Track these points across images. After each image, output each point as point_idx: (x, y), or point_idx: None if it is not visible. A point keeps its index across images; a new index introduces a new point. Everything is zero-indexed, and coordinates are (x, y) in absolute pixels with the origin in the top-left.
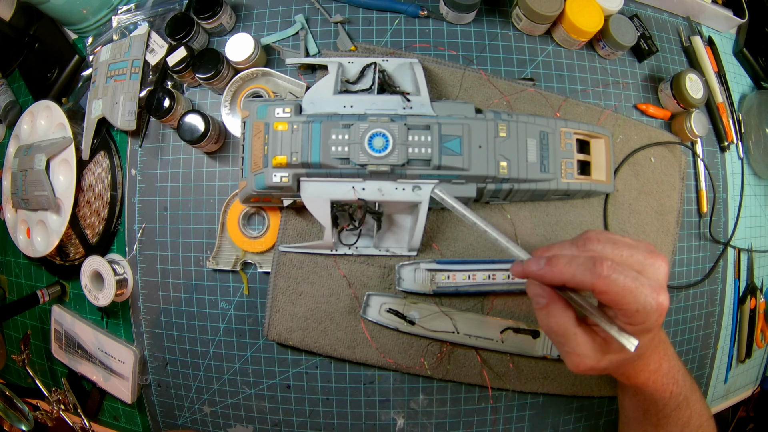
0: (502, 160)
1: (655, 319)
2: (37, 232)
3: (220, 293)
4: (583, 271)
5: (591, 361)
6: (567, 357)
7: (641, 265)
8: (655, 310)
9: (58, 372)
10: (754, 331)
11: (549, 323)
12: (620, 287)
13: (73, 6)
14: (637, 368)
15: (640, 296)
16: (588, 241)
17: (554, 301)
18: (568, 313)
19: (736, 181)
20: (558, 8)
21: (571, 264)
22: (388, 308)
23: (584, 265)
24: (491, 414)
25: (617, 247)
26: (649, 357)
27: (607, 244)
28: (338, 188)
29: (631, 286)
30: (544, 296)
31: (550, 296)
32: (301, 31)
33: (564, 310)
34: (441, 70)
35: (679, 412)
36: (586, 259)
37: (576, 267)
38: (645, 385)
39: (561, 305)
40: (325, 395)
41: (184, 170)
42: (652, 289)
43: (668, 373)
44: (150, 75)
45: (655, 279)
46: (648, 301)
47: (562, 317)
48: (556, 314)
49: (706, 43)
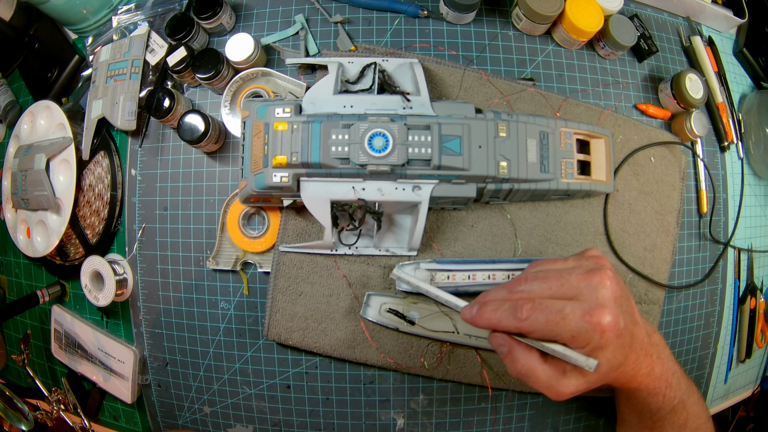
0: (502, 160)
1: (600, 338)
2: (37, 232)
3: (220, 293)
4: (507, 317)
5: (568, 388)
6: (545, 391)
7: (575, 290)
8: (593, 331)
9: (58, 372)
10: (754, 331)
11: (517, 368)
12: (542, 324)
13: (73, 6)
14: (627, 375)
15: (569, 324)
16: (517, 282)
17: (514, 346)
18: (531, 354)
19: (736, 181)
20: (558, 8)
21: (496, 311)
22: (388, 308)
23: (508, 311)
24: (491, 414)
25: (546, 281)
26: (637, 361)
27: (535, 282)
28: (338, 188)
29: (554, 319)
30: (504, 345)
31: (509, 343)
32: (301, 31)
33: (526, 351)
34: (441, 70)
35: (674, 414)
36: (510, 305)
37: (501, 314)
38: (638, 390)
39: (522, 348)
40: (325, 395)
41: (184, 170)
42: (583, 313)
43: (661, 376)
44: (150, 75)
45: (592, 300)
46: (580, 325)
47: (526, 358)
48: (520, 358)
49: (706, 43)
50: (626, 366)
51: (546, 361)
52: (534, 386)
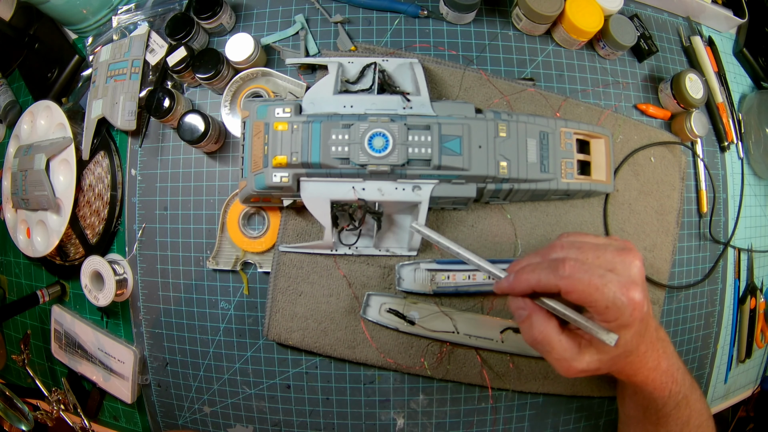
0: (502, 160)
1: (630, 314)
2: (37, 232)
3: (220, 293)
4: (547, 275)
5: (580, 364)
6: (557, 364)
7: (610, 264)
8: (627, 306)
9: (58, 372)
10: (754, 331)
11: (533, 334)
12: (585, 285)
13: (73, 6)
14: (635, 366)
15: (607, 292)
16: (553, 247)
17: (535, 311)
18: (550, 322)
19: (736, 181)
20: (558, 8)
21: (535, 271)
22: (388, 308)
23: (548, 268)
24: (491, 414)
25: (581, 251)
26: (646, 354)
27: (570, 249)
28: (338, 188)
29: (596, 283)
30: (524, 308)
31: (530, 307)
32: (301, 31)
33: (546, 319)
34: (441, 70)
35: (678, 410)
36: (549, 263)
37: (540, 272)
38: (644, 384)
39: (542, 315)
40: (325, 395)
41: (184, 170)
42: (620, 285)
43: (667, 371)
44: (150, 75)
45: (626, 275)
46: (617, 296)
47: (545, 326)
48: (538, 324)
49: (706, 43)
50: (636, 356)
51: (561, 333)
52: (547, 356)
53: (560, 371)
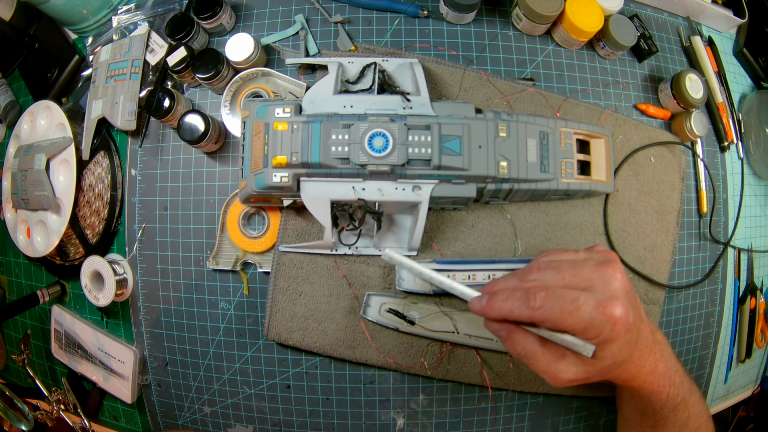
0: (502, 160)
1: (611, 330)
2: (37, 232)
3: (220, 293)
4: (519, 306)
5: (567, 375)
6: (544, 375)
7: (588, 282)
8: (606, 323)
9: (58, 372)
10: (754, 331)
11: (516, 350)
12: (557, 313)
13: (73, 6)
14: (630, 372)
15: (583, 315)
16: (529, 271)
17: (512, 330)
18: (530, 337)
19: (736, 181)
20: (558, 8)
21: (508, 300)
22: (388, 308)
23: (520, 299)
24: (491, 414)
25: (559, 271)
26: (641, 359)
27: (548, 271)
28: (338, 188)
29: (569, 309)
30: (502, 330)
31: (507, 328)
32: (301, 31)
33: (525, 334)
34: (441, 70)
35: (676, 413)
36: (522, 294)
37: (513, 302)
38: (641, 388)
39: (520, 332)
40: (325, 395)
41: (184, 170)
42: (597, 304)
43: (664, 374)
44: (150, 75)
45: (605, 291)
46: (593, 317)
47: (526, 341)
48: (519, 341)
49: (706, 43)
50: (630, 363)
51: (544, 345)
52: (534, 369)
53: (549, 382)
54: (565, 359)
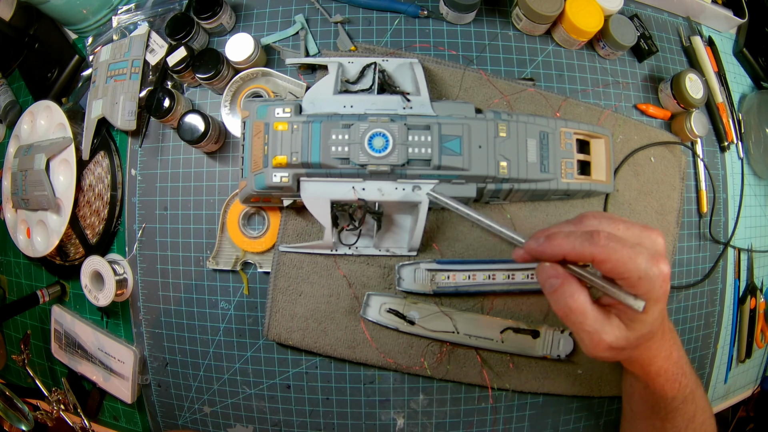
0: (502, 160)
1: (660, 287)
2: (37, 232)
3: (220, 293)
4: (581, 242)
5: (610, 337)
6: (587, 336)
7: (638, 238)
8: (658, 277)
9: (58, 372)
10: (754, 331)
11: (567, 303)
12: (619, 255)
13: (73, 6)
14: (651, 352)
15: (640, 264)
16: (585, 218)
17: (568, 281)
18: (584, 291)
19: (736, 181)
20: (558, 8)
21: (569, 237)
22: (388, 308)
23: (582, 237)
24: (491, 414)
25: (613, 222)
26: (660, 341)
27: (603, 219)
28: (338, 188)
29: (630, 254)
30: (557, 277)
31: (564, 276)
32: (301, 31)
33: (579, 288)
34: (441, 70)
35: (685, 405)
36: (584, 232)
37: (575, 239)
38: (657, 375)
39: (575, 284)
40: (325, 395)
41: (184, 170)
42: (651, 257)
43: (678, 362)
44: (150, 75)
45: (653, 249)
46: (649, 268)
47: (578, 295)
48: (572, 293)
49: (706, 43)
50: (654, 341)
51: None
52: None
53: (589, 346)
54: (610, 322)
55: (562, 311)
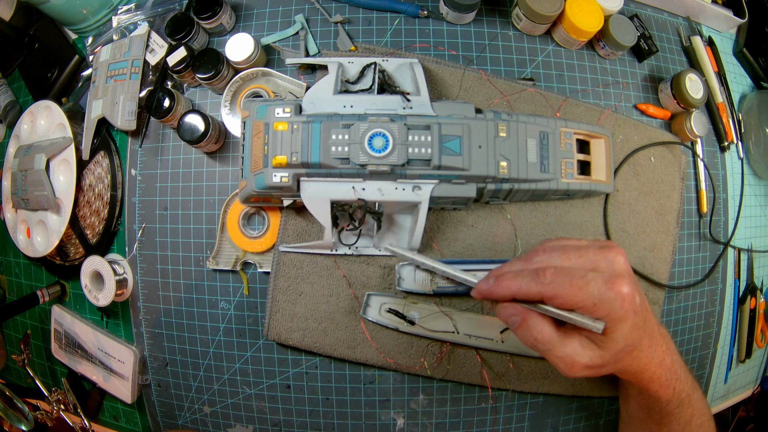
0: (502, 160)
1: (620, 307)
2: (37, 232)
3: (220, 293)
4: (528, 282)
5: (584, 359)
6: (560, 362)
7: (593, 263)
8: (615, 299)
9: (58, 372)
10: (754, 331)
11: (532, 335)
12: (567, 288)
13: (73, 6)
14: (641, 361)
15: (592, 290)
16: (535, 254)
17: (528, 315)
18: (545, 321)
19: (736, 181)
20: (558, 8)
21: (516, 278)
22: (388, 308)
23: (529, 276)
24: (491, 414)
25: (564, 252)
26: (651, 349)
27: (553, 252)
28: (338, 188)
29: (578, 284)
30: (516, 314)
31: (522, 312)
32: (301, 31)
33: (540, 319)
34: (441, 70)
35: (681, 409)
36: (531, 271)
37: (521, 280)
38: (650, 381)
39: (536, 317)
40: (325, 395)
41: (184, 170)
42: (605, 281)
43: (671, 368)
44: (150, 75)
45: (611, 271)
46: (602, 292)
47: (541, 326)
48: (534, 326)
49: (706, 43)
50: (641, 351)
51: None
52: (549, 356)
53: (564, 370)
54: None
55: (529, 344)
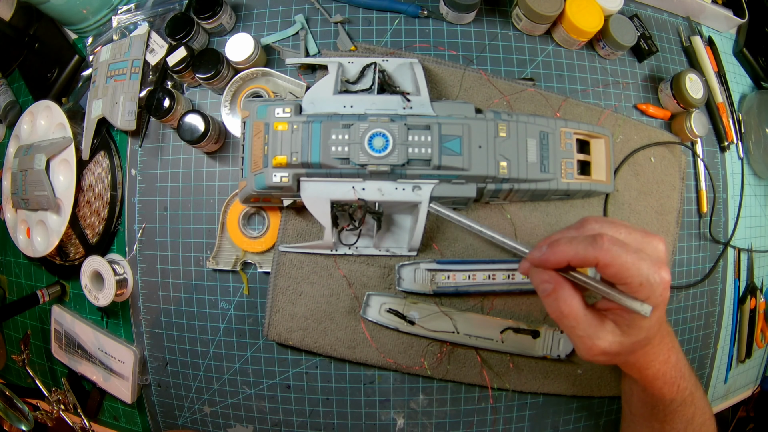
0: (502, 160)
1: (660, 294)
2: (37, 232)
3: (220, 293)
4: (585, 247)
5: (603, 343)
6: (580, 341)
7: (640, 243)
8: (659, 284)
9: (58, 372)
10: (754, 331)
11: (559, 307)
12: (623, 260)
13: (73, 6)
14: (648, 357)
15: (642, 269)
16: (586, 222)
17: (561, 285)
18: (576, 296)
19: (736, 181)
20: (558, 8)
21: (572, 243)
22: (388, 308)
23: (586, 241)
24: (491, 414)
25: (615, 226)
26: (658, 346)
27: (605, 224)
28: (338, 188)
29: (633, 259)
30: (550, 281)
31: (556, 280)
32: (301, 31)
33: (572, 293)
34: (441, 70)
35: (684, 407)
36: (587, 236)
37: (578, 244)
38: (655, 378)
39: (568, 288)
40: (325, 395)
41: (184, 170)
42: (652, 263)
43: (676, 365)
44: (150, 75)
45: (656, 255)
46: (650, 274)
47: (571, 300)
48: (564, 298)
49: (706, 43)
50: (650, 347)
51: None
52: (571, 332)
53: (582, 350)
54: (604, 327)
55: (554, 315)
